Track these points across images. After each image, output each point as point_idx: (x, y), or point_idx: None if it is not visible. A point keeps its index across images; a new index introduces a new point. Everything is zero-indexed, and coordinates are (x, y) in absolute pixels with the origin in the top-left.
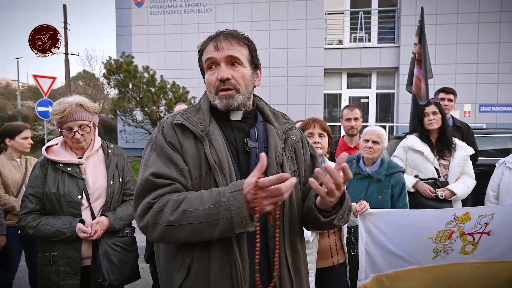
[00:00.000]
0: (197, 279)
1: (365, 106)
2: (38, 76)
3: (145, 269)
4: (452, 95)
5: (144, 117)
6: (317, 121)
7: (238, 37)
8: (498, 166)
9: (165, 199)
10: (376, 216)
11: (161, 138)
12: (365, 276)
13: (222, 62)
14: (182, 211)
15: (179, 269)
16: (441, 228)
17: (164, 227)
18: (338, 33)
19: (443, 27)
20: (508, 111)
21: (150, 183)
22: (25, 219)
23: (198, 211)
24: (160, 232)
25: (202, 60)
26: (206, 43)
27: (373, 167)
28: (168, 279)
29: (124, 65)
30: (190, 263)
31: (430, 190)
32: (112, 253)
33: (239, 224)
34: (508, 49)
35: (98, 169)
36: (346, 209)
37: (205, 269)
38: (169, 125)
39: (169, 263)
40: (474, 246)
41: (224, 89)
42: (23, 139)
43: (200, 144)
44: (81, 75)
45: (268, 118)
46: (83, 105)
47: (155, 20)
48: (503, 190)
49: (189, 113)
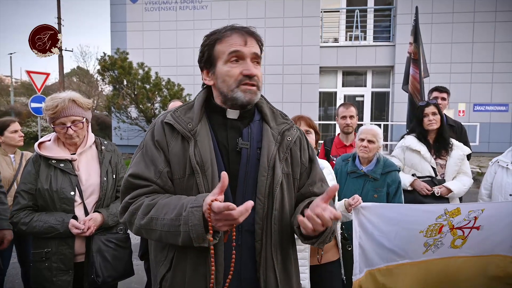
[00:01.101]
0: (176, 273)
1: (360, 104)
2: (31, 72)
3: (139, 266)
4: (445, 94)
5: (138, 114)
6: (303, 118)
7: (258, 37)
8: (491, 164)
9: (140, 202)
10: (368, 209)
11: (149, 137)
12: (359, 270)
13: (248, 57)
14: (151, 217)
15: (164, 261)
16: (431, 222)
17: (137, 228)
18: (334, 31)
19: (439, 26)
20: (502, 110)
21: (129, 183)
22: (18, 215)
23: (164, 219)
24: (135, 231)
25: (218, 49)
26: (228, 34)
27: (369, 165)
28: (155, 269)
29: (119, 61)
30: (172, 257)
31: (426, 188)
32: (105, 250)
33: (195, 239)
34: (503, 49)
35: (91, 165)
36: (328, 234)
37: (183, 266)
38: (160, 124)
39: (157, 254)
40: (464, 240)
41: (250, 83)
42: (12, 133)
43: (186, 144)
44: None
45: (265, 118)
46: (76, 101)
47: (150, 16)
48: (495, 188)
49: (179, 111)
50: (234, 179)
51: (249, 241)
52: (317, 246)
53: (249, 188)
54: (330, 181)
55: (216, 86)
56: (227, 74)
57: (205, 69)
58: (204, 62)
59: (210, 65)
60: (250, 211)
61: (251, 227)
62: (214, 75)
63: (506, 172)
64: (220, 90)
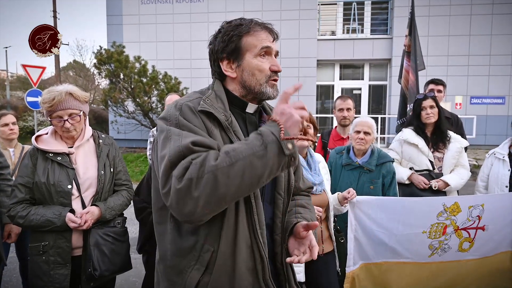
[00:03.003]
0: (219, 274)
1: (357, 97)
2: (27, 66)
3: (137, 260)
4: (441, 86)
5: (135, 108)
6: None
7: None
8: (488, 156)
9: (204, 155)
10: (364, 203)
11: (186, 122)
12: (353, 262)
13: (273, 54)
14: (225, 152)
15: (194, 265)
16: (433, 221)
17: (211, 176)
18: (331, 24)
19: (436, 18)
20: (498, 103)
21: (189, 150)
22: (15, 209)
23: (241, 147)
24: (206, 185)
25: (248, 41)
26: (258, 29)
27: (363, 157)
28: (176, 277)
29: (115, 55)
30: (209, 259)
31: (424, 182)
32: (103, 243)
33: (285, 146)
34: (499, 42)
35: (88, 158)
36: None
37: (228, 264)
38: (191, 110)
39: (179, 261)
40: (471, 243)
41: (275, 79)
42: (2, 127)
43: (224, 134)
44: (71, 65)
45: (269, 114)
46: (73, 94)
47: (147, 9)
48: (492, 180)
49: (211, 100)
50: None
51: (267, 235)
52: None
53: (269, 184)
54: (324, 174)
55: (239, 79)
56: (257, 68)
57: (227, 60)
58: (228, 52)
59: (236, 57)
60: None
61: (269, 221)
62: (239, 67)
63: (502, 164)
64: (245, 84)
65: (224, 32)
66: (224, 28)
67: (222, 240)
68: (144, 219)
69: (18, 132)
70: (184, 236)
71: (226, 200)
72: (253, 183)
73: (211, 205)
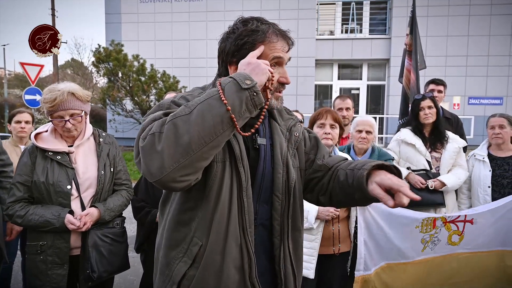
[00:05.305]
0: (205, 269)
1: (356, 97)
2: (25, 64)
3: (135, 259)
4: (442, 86)
5: (134, 107)
6: (330, 111)
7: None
8: (468, 158)
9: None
10: (374, 206)
11: (175, 107)
12: (364, 267)
13: (284, 63)
14: (184, 104)
15: (182, 257)
16: (424, 215)
17: (170, 125)
18: (330, 24)
19: (434, 19)
20: (496, 103)
21: (160, 118)
22: (13, 207)
23: (199, 97)
24: (168, 135)
25: (257, 46)
26: (274, 39)
27: (364, 156)
28: (165, 268)
29: (114, 53)
30: (197, 252)
31: (420, 182)
32: (101, 245)
33: (243, 81)
34: (498, 42)
35: (89, 158)
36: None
37: (214, 260)
38: (186, 100)
39: (169, 252)
40: (460, 236)
41: (281, 91)
42: (15, 123)
43: None
44: (69, 63)
45: (272, 114)
46: (75, 94)
47: (145, 8)
48: (474, 181)
49: None
50: (252, 176)
51: (264, 236)
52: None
53: (266, 184)
54: None
55: None
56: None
57: (235, 65)
58: (238, 58)
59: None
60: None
61: (265, 221)
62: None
63: (483, 165)
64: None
65: (238, 35)
66: (239, 30)
67: (213, 236)
68: (142, 219)
69: (29, 132)
70: (177, 227)
71: (192, 148)
72: (216, 124)
73: (177, 155)
